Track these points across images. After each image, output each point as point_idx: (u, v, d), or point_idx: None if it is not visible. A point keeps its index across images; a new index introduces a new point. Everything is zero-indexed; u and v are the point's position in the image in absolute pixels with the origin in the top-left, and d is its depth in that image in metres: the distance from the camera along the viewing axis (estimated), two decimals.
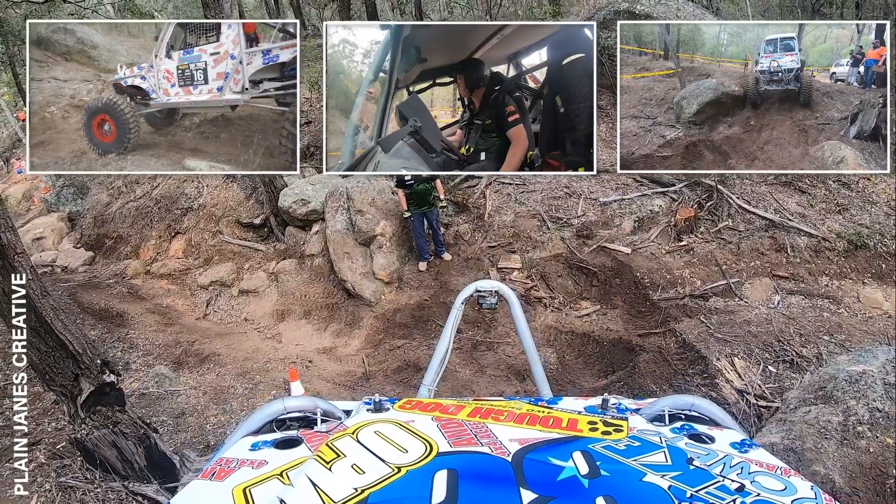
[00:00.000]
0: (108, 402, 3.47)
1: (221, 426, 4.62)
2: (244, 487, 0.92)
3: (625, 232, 6.98)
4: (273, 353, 6.24)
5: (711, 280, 6.40)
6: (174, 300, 7.65)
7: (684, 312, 5.79)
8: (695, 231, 7.09)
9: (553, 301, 6.45)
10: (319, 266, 7.62)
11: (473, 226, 7.56)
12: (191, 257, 8.78)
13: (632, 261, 6.58)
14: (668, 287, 6.35)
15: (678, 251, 6.82)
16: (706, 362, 4.90)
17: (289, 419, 1.30)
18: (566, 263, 6.73)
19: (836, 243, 6.52)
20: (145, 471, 3.36)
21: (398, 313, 6.65)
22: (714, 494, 0.86)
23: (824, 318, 5.51)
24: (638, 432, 1.11)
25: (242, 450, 1.11)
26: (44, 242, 9.85)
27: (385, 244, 7.27)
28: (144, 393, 5.33)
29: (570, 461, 0.93)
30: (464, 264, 7.14)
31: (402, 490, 0.85)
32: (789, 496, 0.89)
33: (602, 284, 6.44)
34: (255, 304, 7.43)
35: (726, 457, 1.03)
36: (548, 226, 7.24)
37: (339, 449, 1.00)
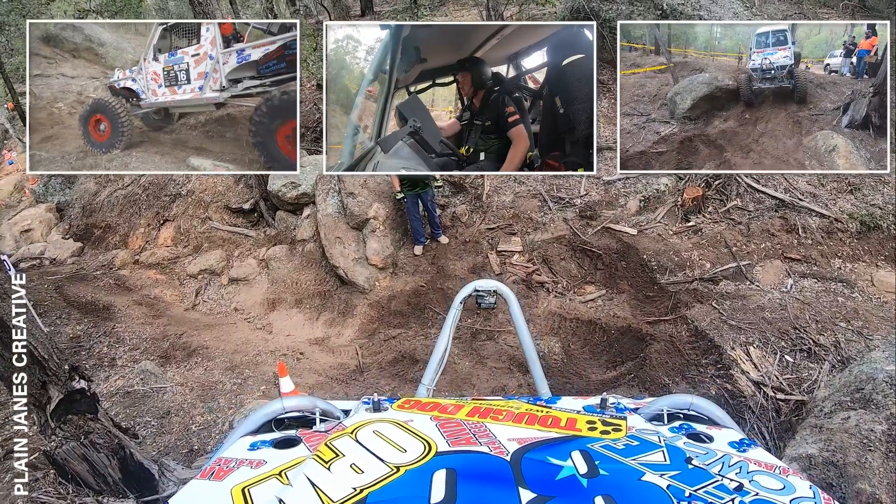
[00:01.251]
0: (79, 411, 3.22)
1: (207, 427, 4.38)
2: (243, 487, 0.92)
3: (630, 212, 6.66)
4: (263, 344, 5.98)
5: (721, 262, 6.12)
6: (162, 290, 7.36)
7: (695, 297, 5.51)
8: (702, 211, 6.78)
9: (556, 286, 6.16)
10: (311, 252, 7.31)
11: (471, 207, 7.22)
12: (180, 245, 8.47)
13: (638, 242, 6.28)
14: (676, 270, 6.07)
15: (686, 232, 6.52)
16: (720, 351, 4.65)
17: (287, 419, 1.30)
18: (569, 246, 6.42)
19: (848, 224, 6.22)
20: (120, 484, 3.11)
21: (393, 300, 6.36)
22: (713, 494, 0.85)
23: (839, 304, 5.25)
24: (637, 432, 1.11)
25: (241, 449, 1.11)
26: (32, 234, 9.56)
27: (378, 228, 6.93)
28: (129, 391, 5.09)
29: (569, 461, 0.93)
30: (461, 247, 6.83)
31: (401, 490, 0.85)
32: (788, 495, 0.88)
33: (607, 268, 6.15)
34: (245, 292, 7.15)
35: (725, 456, 1.02)
36: (549, 206, 6.91)
37: (337, 448, 1.00)
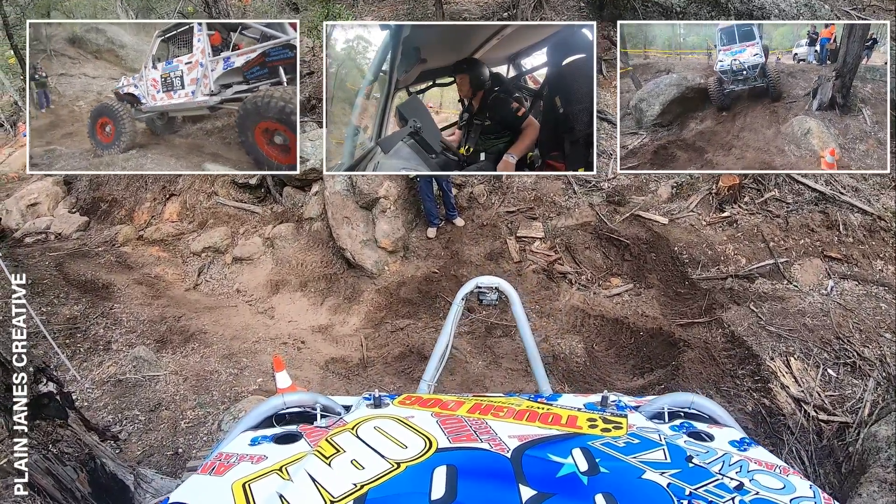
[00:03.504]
0: (48, 416, 2.92)
1: (197, 424, 4.10)
2: (244, 482, 0.91)
3: (661, 199, 6.16)
4: (264, 330, 5.68)
5: (757, 258, 5.63)
6: (164, 269, 7.08)
7: (731, 297, 5.05)
8: (738, 201, 6.24)
9: (579, 277, 5.72)
10: (318, 231, 6.94)
11: (489, 187, 6.71)
12: (185, 220, 8.16)
13: (668, 232, 5.80)
14: (709, 264, 5.59)
15: (720, 223, 6.01)
16: (758, 361, 4.22)
17: (288, 414, 1.29)
18: (594, 233, 5.95)
19: (891, 223, 5.66)
20: (90, 498, 2.83)
21: (403, 287, 5.99)
22: (713, 492, 0.85)
23: (882, 311, 4.77)
24: (637, 430, 1.10)
25: (242, 444, 1.10)
26: (39, 208, 9.33)
27: (389, 208, 6.52)
28: (121, 379, 4.84)
29: (570, 458, 0.92)
30: (478, 231, 6.37)
31: (402, 486, 0.85)
32: (788, 494, 0.87)
33: (635, 259, 5.69)
34: (248, 273, 6.83)
35: (725, 455, 1.01)
36: (574, 189, 6.40)
37: (338, 444, 0.99)
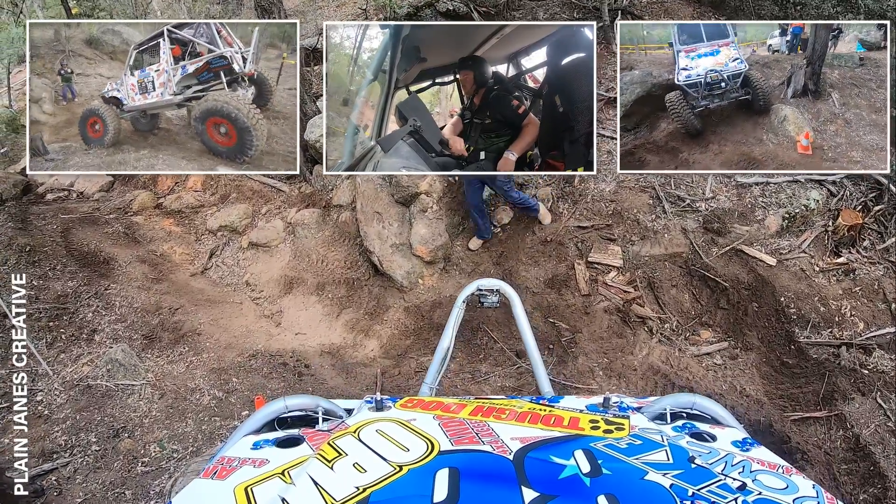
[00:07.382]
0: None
1: (155, 471, 3.28)
2: (246, 486, 0.91)
3: (769, 232, 4.89)
4: (265, 341, 4.81)
5: (877, 323, 4.38)
6: (173, 247, 6.32)
7: (854, 382, 3.83)
8: (857, 244, 4.92)
9: (662, 326, 4.52)
10: (345, 223, 6.00)
11: (558, 191, 5.44)
12: (208, 192, 7.42)
13: (775, 277, 4.57)
14: (820, 325, 4.37)
15: (835, 270, 4.73)
16: (885, 483, 3.05)
17: (290, 418, 1.28)
18: (685, 268, 4.75)
19: None
20: None
21: (437, 309, 4.89)
22: (716, 493, 0.84)
23: None
24: (640, 431, 1.09)
25: (244, 448, 1.10)
26: None
27: (431, 207, 5.45)
28: (91, 385, 4.09)
29: (572, 460, 0.92)
30: (539, 248, 5.11)
31: (404, 489, 0.85)
32: (791, 495, 0.86)
33: (733, 308, 4.47)
34: (263, 262, 5.99)
35: (728, 455, 1.01)
36: (664, 207, 5.12)
37: (340, 448, 0.99)
